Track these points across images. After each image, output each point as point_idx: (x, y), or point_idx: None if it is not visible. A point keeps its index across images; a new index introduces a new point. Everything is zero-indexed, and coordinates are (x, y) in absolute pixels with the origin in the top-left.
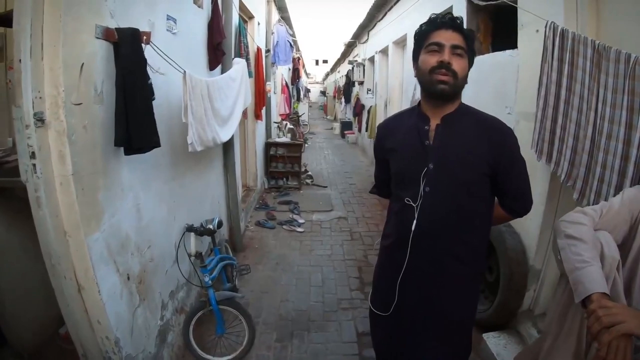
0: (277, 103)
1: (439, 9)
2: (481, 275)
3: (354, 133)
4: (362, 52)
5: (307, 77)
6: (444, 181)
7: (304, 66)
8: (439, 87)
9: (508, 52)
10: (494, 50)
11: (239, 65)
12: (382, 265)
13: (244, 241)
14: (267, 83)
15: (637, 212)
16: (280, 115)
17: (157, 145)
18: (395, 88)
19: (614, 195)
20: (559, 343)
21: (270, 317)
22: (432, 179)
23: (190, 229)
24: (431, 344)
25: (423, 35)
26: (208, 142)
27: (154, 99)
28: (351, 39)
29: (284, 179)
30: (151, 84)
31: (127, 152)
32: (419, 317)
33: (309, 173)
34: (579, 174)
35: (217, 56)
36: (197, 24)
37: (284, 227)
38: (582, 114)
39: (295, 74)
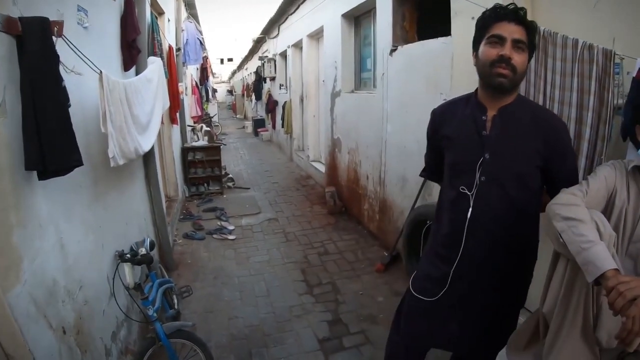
0: (189, 105)
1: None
2: (532, 266)
3: (267, 130)
4: (272, 47)
5: (213, 77)
6: (499, 171)
7: (210, 65)
8: (497, 81)
9: (441, 39)
10: (420, 39)
11: (154, 65)
12: (433, 251)
13: (175, 257)
14: (180, 84)
15: (612, 188)
16: (192, 117)
17: (79, 163)
18: (311, 83)
19: None
20: (567, 321)
21: (222, 338)
22: (487, 168)
23: (122, 257)
24: (476, 332)
25: (485, 25)
26: (130, 154)
27: (69, 106)
28: (260, 34)
29: (205, 185)
30: (65, 87)
31: (42, 177)
32: (468, 304)
33: (230, 176)
34: None
35: (132, 55)
36: (109, 17)
37: (214, 236)
38: (530, 96)
39: (204, 74)
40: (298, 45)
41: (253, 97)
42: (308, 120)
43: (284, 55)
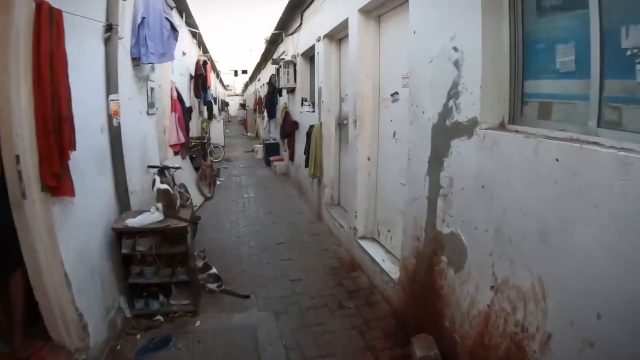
0: (167, 129)
1: None
2: None
3: (282, 160)
4: (291, 46)
5: (226, 90)
6: None
7: (218, 75)
8: None
9: None
10: None
11: None
12: None
13: None
14: (112, 97)
15: None
16: (172, 146)
17: None
18: (367, 94)
19: None
20: None
21: None
22: None
23: None
24: None
25: None
26: None
27: None
28: (275, 29)
29: (163, 297)
30: None
31: None
32: None
33: (213, 270)
34: None
35: None
36: None
37: None
38: None
39: (199, 82)
40: (335, 37)
41: (265, 113)
42: (357, 163)
43: (308, 55)
